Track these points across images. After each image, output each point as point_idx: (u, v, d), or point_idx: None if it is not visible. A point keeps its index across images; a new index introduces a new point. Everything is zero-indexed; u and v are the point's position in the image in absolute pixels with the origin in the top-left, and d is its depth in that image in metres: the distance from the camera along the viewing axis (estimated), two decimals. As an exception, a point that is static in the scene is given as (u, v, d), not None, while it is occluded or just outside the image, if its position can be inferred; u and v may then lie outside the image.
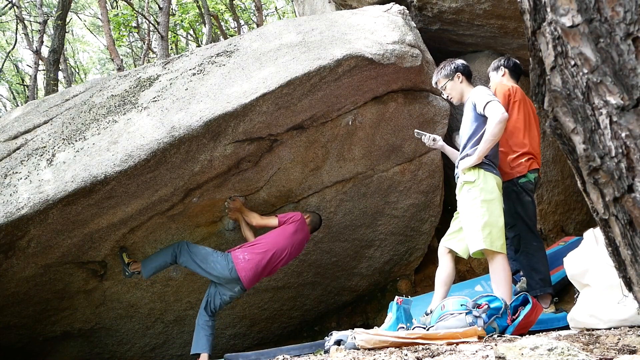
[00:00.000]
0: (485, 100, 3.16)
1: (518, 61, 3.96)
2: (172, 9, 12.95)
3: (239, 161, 3.73)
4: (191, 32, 15.53)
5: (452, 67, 3.44)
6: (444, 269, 3.33)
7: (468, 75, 3.47)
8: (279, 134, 3.78)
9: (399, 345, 2.30)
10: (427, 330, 2.76)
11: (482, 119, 3.21)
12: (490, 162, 3.22)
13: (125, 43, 15.65)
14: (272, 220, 3.94)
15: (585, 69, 0.98)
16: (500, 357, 1.68)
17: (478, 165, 3.17)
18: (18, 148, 3.65)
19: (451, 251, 3.34)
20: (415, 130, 3.75)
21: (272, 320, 5.02)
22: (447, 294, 3.25)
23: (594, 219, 1.12)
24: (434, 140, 3.63)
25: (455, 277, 4.16)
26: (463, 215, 3.20)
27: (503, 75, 3.87)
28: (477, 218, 3.06)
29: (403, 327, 3.06)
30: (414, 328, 2.93)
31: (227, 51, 3.94)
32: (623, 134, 0.94)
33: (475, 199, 3.11)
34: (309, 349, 3.12)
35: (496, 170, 3.26)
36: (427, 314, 3.16)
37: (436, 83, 3.54)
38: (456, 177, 3.38)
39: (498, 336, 2.49)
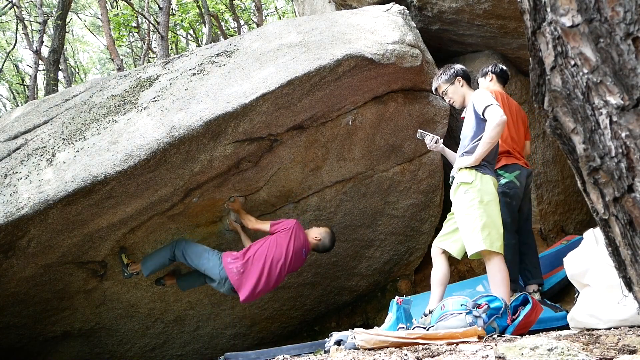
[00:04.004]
0: (485, 103, 3.17)
1: (505, 68, 4.12)
2: (172, 9, 12.95)
3: (239, 161, 3.73)
4: (191, 32, 15.53)
5: (452, 72, 3.46)
6: (439, 269, 3.33)
7: (467, 78, 3.50)
8: (279, 134, 3.78)
9: (399, 345, 2.30)
10: (427, 330, 2.76)
11: (483, 122, 3.22)
12: (487, 163, 3.23)
13: (125, 43, 15.65)
14: (265, 225, 3.87)
15: (585, 69, 0.98)
16: (500, 357, 1.68)
17: (475, 167, 3.18)
18: (18, 148, 3.65)
19: (445, 251, 3.35)
20: (419, 130, 3.74)
21: (272, 320, 5.02)
22: (444, 294, 3.25)
23: (594, 219, 1.12)
24: (436, 142, 3.64)
25: (455, 277, 4.15)
26: (460, 217, 3.19)
27: (490, 80, 4.03)
28: (476, 219, 3.06)
29: (403, 327, 3.07)
30: (414, 328, 2.93)
31: (227, 51, 3.95)
32: (623, 134, 0.94)
33: (473, 200, 3.11)
34: (309, 348, 3.12)
35: (492, 171, 3.27)
36: (426, 315, 3.16)
37: (436, 89, 3.55)
38: (452, 178, 3.39)
39: (498, 336, 2.49)
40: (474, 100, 3.29)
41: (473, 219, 3.08)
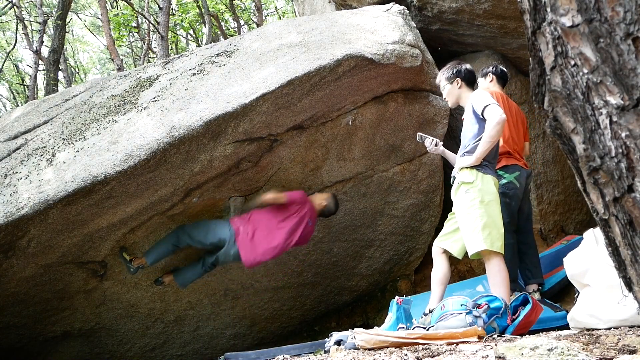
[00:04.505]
0: (484, 103, 3.17)
1: (505, 69, 4.16)
2: (172, 9, 12.95)
3: (239, 161, 3.73)
4: (191, 32, 15.54)
5: (454, 72, 3.45)
6: (440, 269, 3.34)
7: (469, 81, 3.45)
8: (279, 134, 3.78)
9: (399, 345, 2.30)
10: (427, 330, 2.76)
11: (482, 122, 3.22)
12: (488, 163, 3.24)
13: (125, 43, 15.65)
14: (281, 197, 3.89)
15: (585, 69, 0.98)
16: (500, 357, 1.68)
17: (476, 167, 3.18)
18: (18, 148, 3.65)
19: (445, 251, 3.36)
20: (418, 133, 3.75)
21: (272, 320, 5.02)
22: (444, 293, 3.26)
23: (594, 219, 1.12)
24: (436, 145, 3.65)
25: (455, 277, 4.14)
26: (461, 216, 3.19)
27: (491, 81, 4.05)
28: (477, 219, 3.07)
29: (403, 327, 3.07)
30: (414, 328, 2.93)
31: (227, 51, 3.94)
32: (623, 134, 0.94)
33: (473, 199, 3.11)
34: (309, 348, 3.12)
35: (493, 171, 3.28)
36: (426, 314, 3.16)
37: (439, 82, 3.57)
38: (453, 178, 3.39)
39: (498, 336, 2.49)
40: (472, 101, 3.29)
41: (474, 218, 3.08)
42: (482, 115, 3.17)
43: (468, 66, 3.51)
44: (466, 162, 3.20)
